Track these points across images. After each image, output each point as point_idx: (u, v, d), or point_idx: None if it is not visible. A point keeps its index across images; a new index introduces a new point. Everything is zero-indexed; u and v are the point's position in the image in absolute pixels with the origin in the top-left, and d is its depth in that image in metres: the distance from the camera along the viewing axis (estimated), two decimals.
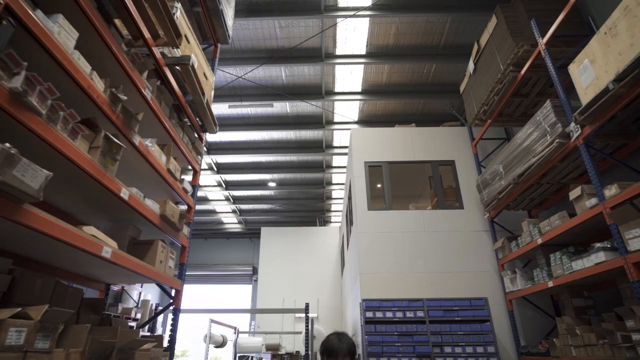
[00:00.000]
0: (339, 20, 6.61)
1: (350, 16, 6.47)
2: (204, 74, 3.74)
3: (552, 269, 4.28)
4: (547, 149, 4.16)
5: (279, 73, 7.88)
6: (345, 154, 10.11)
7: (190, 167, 3.65)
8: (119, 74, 2.38)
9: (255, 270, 15.53)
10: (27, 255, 2.25)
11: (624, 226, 3.19)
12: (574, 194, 3.87)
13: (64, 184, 2.23)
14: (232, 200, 13.27)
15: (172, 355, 3.08)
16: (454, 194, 6.47)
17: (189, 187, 3.45)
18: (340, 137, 10.06)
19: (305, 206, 14.05)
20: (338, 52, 7.44)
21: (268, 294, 12.22)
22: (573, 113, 3.76)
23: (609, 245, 3.45)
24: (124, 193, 2.33)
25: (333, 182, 12.32)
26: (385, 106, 8.98)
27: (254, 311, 11.39)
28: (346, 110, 8.98)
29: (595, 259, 3.57)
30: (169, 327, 3.23)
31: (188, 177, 3.67)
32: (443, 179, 6.69)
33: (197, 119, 3.80)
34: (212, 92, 4.05)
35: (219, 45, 4.55)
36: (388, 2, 6.34)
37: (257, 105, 8.56)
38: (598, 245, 3.57)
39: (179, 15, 3.10)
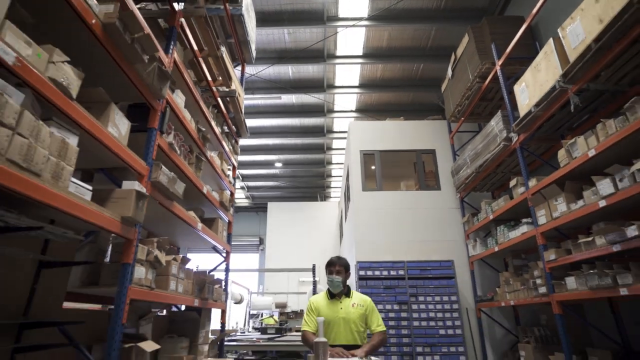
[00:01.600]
0: (339, 29, 7.75)
1: (350, 26, 7.61)
2: (239, 93, 5.01)
3: (497, 237, 5.73)
4: (497, 148, 5.50)
5: (287, 70, 9.06)
6: (344, 138, 11.38)
7: (230, 164, 4.99)
8: (199, 112, 3.68)
9: (261, 241, 17.13)
10: (151, 230, 3.64)
11: (537, 207, 4.60)
12: (512, 182, 5.26)
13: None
14: (240, 178, 14.63)
15: (226, 297, 4.55)
16: (434, 178, 7.85)
17: (232, 179, 4.82)
18: (339, 124, 11.32)
19: (307, 183, 15.47)
20: (338, 53, 8.60)
21: (275, 261, 13.82)
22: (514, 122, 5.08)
23: (530, 221, 4.87)
24: (205, 189, 3.70)
25: (333, 162, 13.68)
26: (380, 98, 10.20)
27: (268, 270, 13.04)
28: (345, 101, 10.21)
29: (521, 230, 5.01)
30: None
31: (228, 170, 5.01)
32: (425, 165, 8.05)
33: (234, 127, 5.10)
34: (243, 105, 5.32)
35: (245, 65, 5.77)
36: (382, 14, 7.45)
37: (267, 97, 9.78)
38: (524, 220, 5.00)
39: (225, 56, 4.35)
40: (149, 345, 2.54)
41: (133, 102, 2.64)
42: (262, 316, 11.65)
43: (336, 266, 2.98)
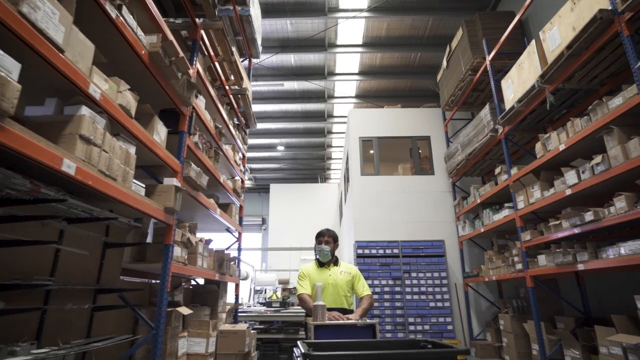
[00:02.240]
0: (340, 20, 8.06)
1: (350, 17, 7.93)
2: (248, 90, 5.45)
3: (483, 220, 6.29)
4: (485, 138, 5.98)
5: (289, 59, 9.41)
6: (344, 123, 11.78)
7: (240, 153, 5.48)
8: (215, 111, 4.15)
9: (264, 221, 17.78)
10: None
11: (517, 193, 5.13)
12: (497, 170, 5.77)
13: None
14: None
15: (239, 272, 5.13)
16: (428, 163, 8.35)
17: (242, 168, 5.32)
18: (339, 109, 11.72)
19: (308, 165, 15.97)
20: (339, 42, 8.93)
21: (277, 240, 14.49)
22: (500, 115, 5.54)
23: (511, 205, 5.41)
24: (222, 178, 4.21)
25: (333, 145, 14.13)
26: (378, 84, 10.57)
27: (272, 249, 13.70)
28: (345, 87, 10.58)
29: (503, 213, 5.56)
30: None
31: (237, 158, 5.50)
32: (420, 151, 8.53)
33: (244, 119, 5.57)
34: (251, 97, 5.76)
35: (252, 59, 6.17)
36: (381, 5, 7.76)
37: (270, 84, 10.15)
38: (506, 204, 5.54)
39: (237, 59, 4.77)
40: (184, 310, 3.12)
41: (164, 108, 3.12)
42: (265, 292, 12.39)
43: (325, 237, 3.20)
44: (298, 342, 1.79)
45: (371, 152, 8.64)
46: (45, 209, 1.94)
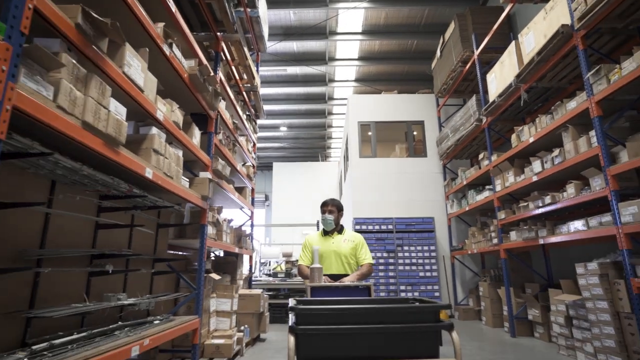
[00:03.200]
0: (340, 11, 8.51)
1: (351, 8, 8.37)
2: (258, 86, 6.04)
3: (468, 199, 7.03)
4: (471, 127, 6.63)
5: (292, 45, 9.88)
6: (343, 105, 12.33)
7: (252, 142, 6.15)
8: (233, 109, 4.79)
9: (267, 197, 18.58)
10: None
11: (496, 177, 5.84)
12: (480, 156, 6.45)
13: None
14: None
15: (252, 246, 5.91)
16: (422, 146, 9.01)
17: (253, 155, 6.00)
18: (339, 92, 12.24)
19: (309, 144, 16.61)
20: (339, 30, 9.39)
21: (279, 215, 15.32)
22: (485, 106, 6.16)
23: (491, 187, 6.13)
24: (238, 166, 4.91)
25: (333, 125, 14.71)
26: (377, 69, 11.06)
27: (276, 225, 14.54)
28: (345, 72, 11.08)
29: (484, 195, 6.30)
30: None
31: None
32: (415, 133, 9.17)
33: (254, 111, 6.20)
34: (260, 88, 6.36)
35: (259, 53, 6.73)
36: None
37: (274, 70, 10.65)
38: (487, 187, 6.26)
39: (251, 63, 5.35)
40: (215, 276, 3.90)
41: (194, 112, 3.78)
42: (269, 264, 13.35)
43: (329, 206, 3.21)
44: (290, 299, 1.94)
45: (369, 133, 9.28)
46: (127, 202, 2.66)
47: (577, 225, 3.95)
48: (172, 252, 3.92)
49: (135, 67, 2.19)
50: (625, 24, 3.78)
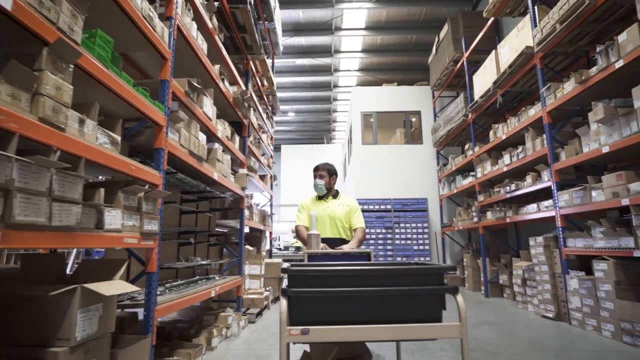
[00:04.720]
0: (345, 10, 9.32)
1: (355, 8, 9.19)
2: (275, 88, 7.02)
3: (456, 183, 8.10)
4: (459, 120, 7.61)
5: (300, 40, 10.72)
6: (347, 92, 13.20)
7: (270, 136, 7.19)
8: (258, 114, 5.81)
9: (275, 177, 19.69)
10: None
11: (477, 166, 6.88)
12: (466, 147, 7.46)
13: None
14: None
15: (272, 223, 7.06)
16: (418, 134, 10.00)
17: (271, 147, 7.06)
18: (344, 80, 13.11)
19: (315, 127, 17.58)
20: (344, 26, 10.20)
21: (287, 194, 16.48)
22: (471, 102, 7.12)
23: (474, 174, 7.17)
24: (262, 159, 5.98)
25: (338, 110, 15.63)
26: (379, 60, 11.90)
27: (285, 205, 15.70)
28: (349, 63, 11.93)
29: (468, 180, 7.36)
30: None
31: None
32: (413, 122, 10.14)
33: (272, 109, 7.21)
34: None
35: (274, 56, 7.66)
36: None
37: (284, 61, 11.53)
38: (471, 173, 7.31)
39: (272, 73, 6.33)
40: (249, 247, 5.05)
41: (232, 120, 4.82)
42: (279, 239, 14.73)
43: (319, 170, 3.15)
44: (283, 262, 2.35)
45: (371, 120, 10.24)
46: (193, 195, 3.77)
47: (532, 207, 5.03)
48: (218, 229, 5.07)
49: (207, 105, 3.24)
50: (574, 48, 4.71)
